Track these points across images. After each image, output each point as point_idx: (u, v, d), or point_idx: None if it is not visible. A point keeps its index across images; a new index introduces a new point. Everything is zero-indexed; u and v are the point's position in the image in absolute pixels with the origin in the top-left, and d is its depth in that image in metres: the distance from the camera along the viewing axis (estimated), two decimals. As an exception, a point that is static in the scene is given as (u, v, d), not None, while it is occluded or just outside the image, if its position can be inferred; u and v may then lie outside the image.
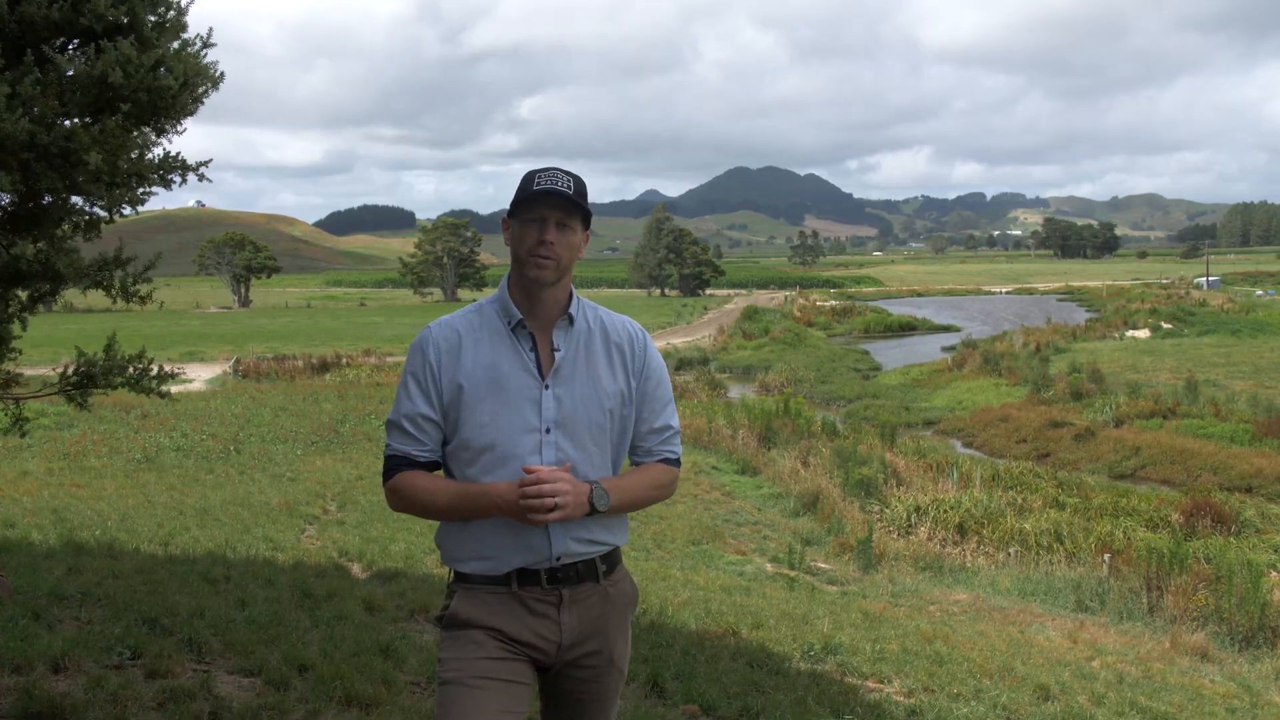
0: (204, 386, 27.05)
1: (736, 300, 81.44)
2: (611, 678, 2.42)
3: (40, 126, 3.46)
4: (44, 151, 3.57)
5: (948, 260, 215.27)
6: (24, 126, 3.36)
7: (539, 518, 2.18)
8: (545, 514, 2.17)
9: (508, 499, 2.20)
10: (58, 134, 3.53)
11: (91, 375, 4.90)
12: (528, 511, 2.18)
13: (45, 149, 3.55)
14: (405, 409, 2.31)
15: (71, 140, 3.54)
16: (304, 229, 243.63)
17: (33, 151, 3.56)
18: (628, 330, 2.43)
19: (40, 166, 3.61)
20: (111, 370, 4.89)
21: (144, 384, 4.95)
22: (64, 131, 3.55)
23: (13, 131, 3.33)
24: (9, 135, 3.33)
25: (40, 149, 3.55)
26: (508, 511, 2.21)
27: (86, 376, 4.91)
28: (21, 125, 3.35)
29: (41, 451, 17.35)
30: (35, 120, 3.44)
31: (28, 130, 3.39)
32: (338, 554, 9.37)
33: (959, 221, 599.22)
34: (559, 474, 2.20)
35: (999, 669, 6.84)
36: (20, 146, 3.47)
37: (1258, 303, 64.36)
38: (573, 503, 2.20)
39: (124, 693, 4.01)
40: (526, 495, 2.17)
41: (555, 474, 2.19)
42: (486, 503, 2.23)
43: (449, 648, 2.30)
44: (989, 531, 15.10)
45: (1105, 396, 28.84)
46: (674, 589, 9.10)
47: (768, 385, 34.00)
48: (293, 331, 50.68)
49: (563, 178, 2.29)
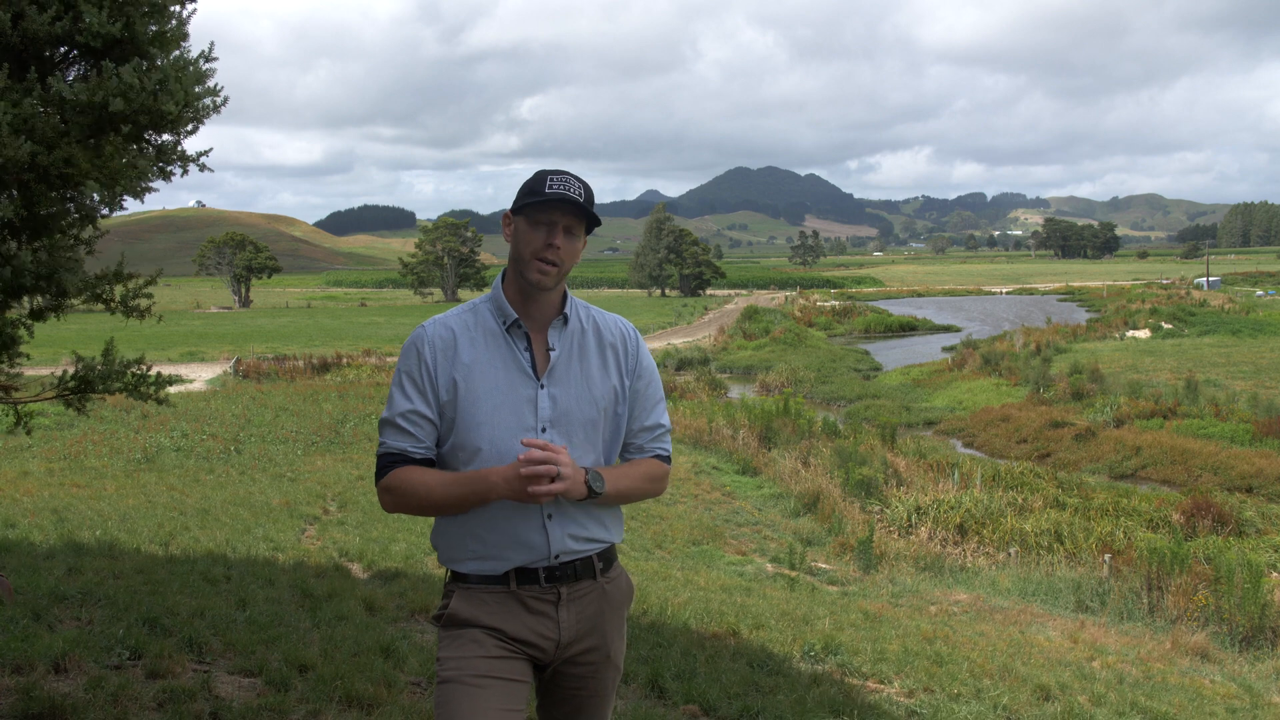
0: (204, 386, 27.05)
1: (736, 300, 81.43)
2: (608, 674, 2.42)
3: (41, 147, 3.46)
4: (44, 173, 3.58)
5: (948, 260, 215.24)
6: (26, 149, 3.37)
7: (541, 488, 2.15)
8: (548, 484, 2.15)
9: (508, 478, 2.18)
10: (57, 157, 3.53)
11: (90, 380, 4.89)
12: (530, 481, 2.15)
13: (45, 170, 3.56)
14: (401, 407, 2.30)
15: (70, 165, 3.55)
16: (304, 229, 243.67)
17: (34, 173, 3.56)
18: (620, 330, 2.44)
19: (40, 188, 3.62)
20: (109, 375, 4.89)
21: (142, 390, 4.95)
22: (63, 154, 3.55)
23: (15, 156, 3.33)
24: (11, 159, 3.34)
25: (40, 170, 3.56)
26: (507, 492, 2.19)
27: (85, 381, 4.90)
28: (24, 149, 3.35)
29: (41, 451, 17.36)
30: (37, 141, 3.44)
31: (29, 152, 3.40)
32: (338, 554, 9.36)
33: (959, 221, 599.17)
34: (559, 447, 2.20)
35: (999, 669, 6.84)
36: (21, 169, 3.47)
37: (1258, 303, 64.35)
38: (571, 477, 2.19)
39: (124, 693, 4.02)
40: (531, 461, 2.15)
41: (555, 446, 2.19)
42: (485, 486, 2.21)
43: (448, 647, 2.29)
44: (989, 531, 15.10)
45: (1105, 397, 28.84)
46: (674, 589, 9.10)
47: (768, 385, 34.00)
48: (293, 331, 50.68)
49: (575, 184, 2.28)
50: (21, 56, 3.66)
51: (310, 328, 54.34)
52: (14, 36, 3.62)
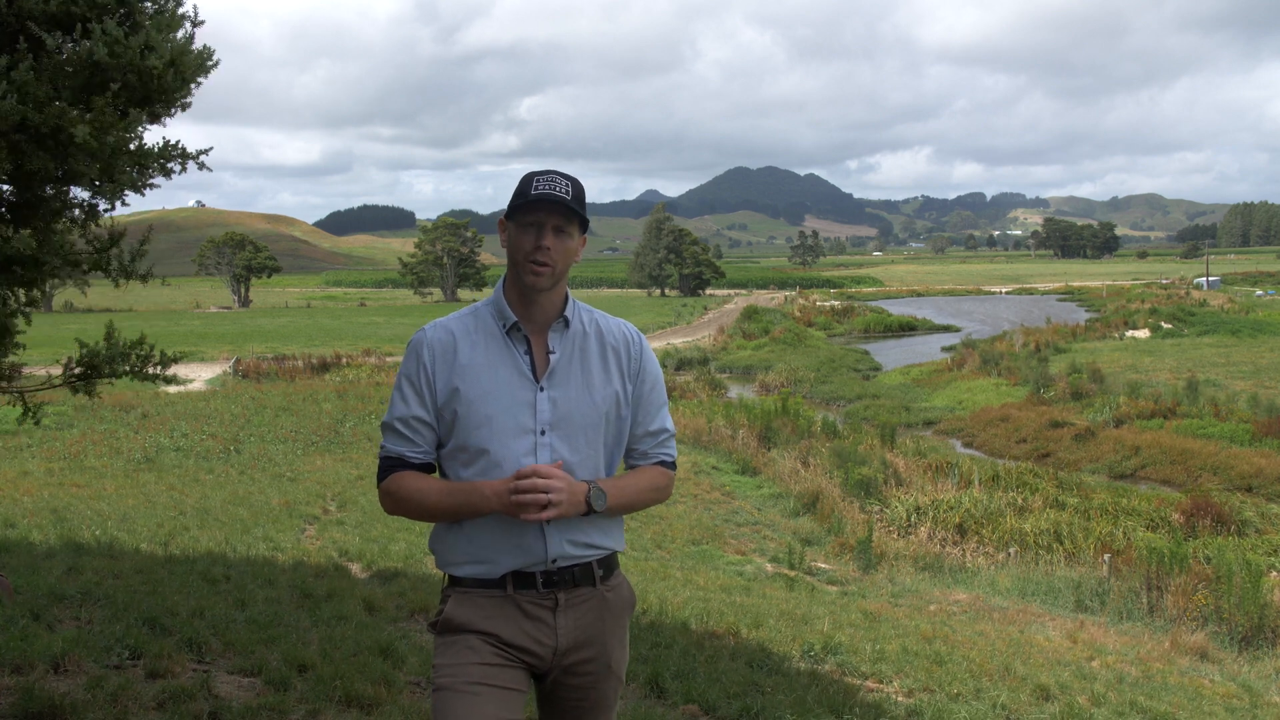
0: (204, 386, 27.04)
1: (736, 300, 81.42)
2: (609, 684, 2.40)
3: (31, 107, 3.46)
4: (35, 132, 3.57)
5: (948, 260, 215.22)
6: (14, 108, 3.36)
7: (532, 516, 2.15)
8: (538, 512, 2.15)
9: (499, 494, 2.18)
10: (49, 114, 3.53)
11: (95, 365, 4.89)
12: (520, 509, 2.16)
13: (36, 129, 3.55)
14: (399, 411, 2.30)
15: (61, 118, 3.54)
16: (304, 229, 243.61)
17: (23, 133, 3.56)
18: (624, 333, 2.42)
19: (30, 146, 3.61)
20: (114, 358, 4.88)
21: (146, 372, 4.95)
22: (55, 111, 3.54)
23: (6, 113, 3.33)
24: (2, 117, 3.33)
25: (31, 129, 3.55)
26: (499, 507, 2.19)
27: (90, 367, 4.90)
28: (13, 108, 3.35)
29: (41, 451, 17.36)
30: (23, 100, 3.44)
31: (19, 112, 3.39)
32: (338, 554, 9.36)
33: (959, 221, 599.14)
34: (554, 471, 2.18)
35: (999, 669, 6.84)
36: (11, 128, 3.47)
37: (1258, 303, 64.38)
38: (568, 501, 2.18)
39: (124, 693, 4.01)
40: (519, 491, 2.15)
41: (550, 471, 2.18)
42: (478, 498, 2.21)
43: (443, 653, 2.28)
44: (989, 531, 15.11)
45: (1105, 396, 28.85)
46: (674, 589, 9.10)
47: (768, 385, 34.00)
48: (293, 331, 50.66)
49: (561, 182, 2.27)
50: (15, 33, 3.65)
51: (310, 328, 54.33)
52: (10, 15, 3.62)
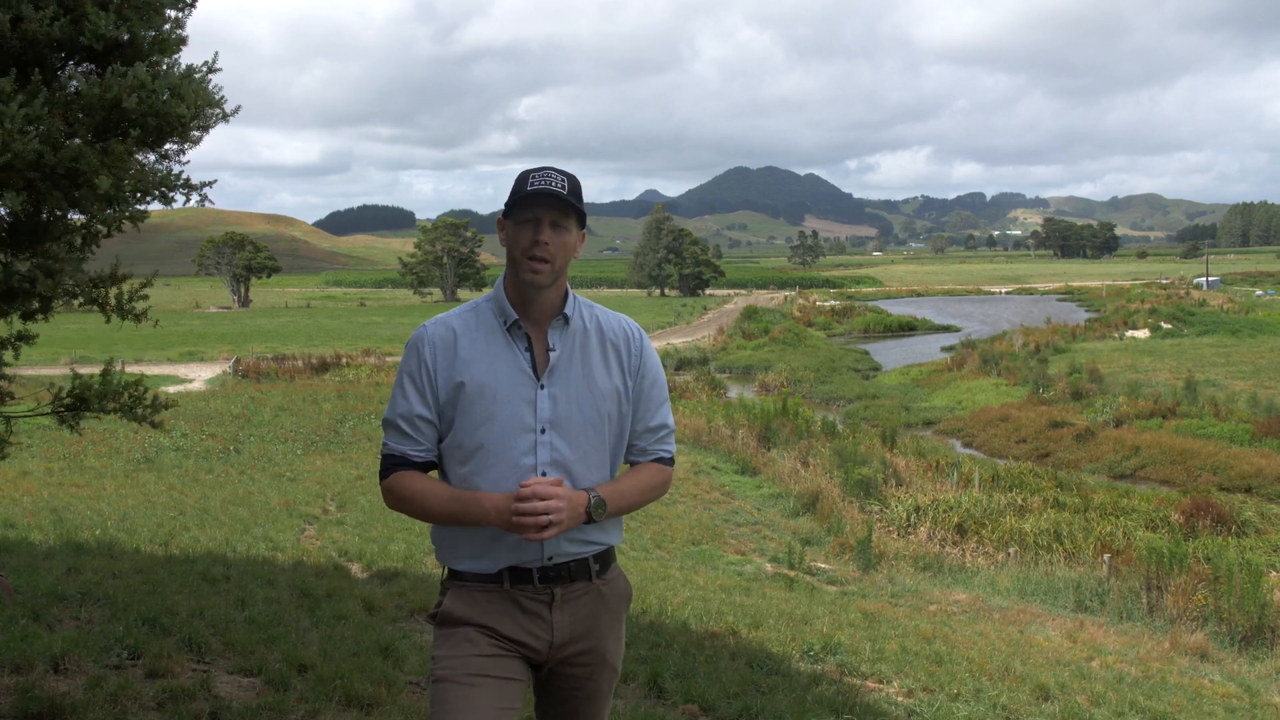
0: (204, 386, 27.05)
1: (736, 300, 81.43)
2: (604, 676, 2.42)
3: (47, 146, 3.46)
4: (50, 171, 3.57)
5: (947, 260, 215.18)
6: (33, 147, 3.36)
7: (532, 536, 2.16)
8: (538, 532, 2.16)
9: (499, 509, 2.18)
10: (65, 154, 3.52)
11: (85, 399, 4.86)
12: (520, 529, 2.17)
13: (52, 169, 3.55)
14: (401, 409, 2.31)
15: (79, 161, 3.54)
16: (303, 229, 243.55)
17: (39, 171, 3.55)
18: (624, 329, 2.42)
19: (46, 186, 3.60)
20: (106, 395, 4.86)
21: (138, 411, 4.93)
22: (71, 152, 3.54)
23: (23, 152, 3.32)
24: (19, 155, 3.32)
25: (47, 169, 3.54)
26: (498, 522, 2.20)
27: (80, 400, 4.88)
28: (31, 146, 3.34)
29: (41, 451, 17.36)
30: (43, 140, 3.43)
31: (36, 150, 3.39)
32: (337, 554, 9.37)
33: (959, 221, 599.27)
34: (554, 489, 2.18)
35: (998, 669, 6.84)
36: (27, 166, 3.46)
37: (1257, 303, 64.38)
38: (568, 517, 2.19)
39: (124, 693, 4.01)
40: (519, 511, 2.15)
41: (550, 489, 2.17)
42: (478, 511, 2.21)
43: (442, 645, 2.30)
44: (988, 531, 15.11)
45: (1105, 396, 28.86)
46: (674, 589, 9.10)
47: (768, 385, 34.00)
48: (292, 331, 50.66)
49: (557, 177, 2.27)
50: (22, 60, 3.65)
51: (309, 328, 54.33)
52: (14, 40, 3.61)
